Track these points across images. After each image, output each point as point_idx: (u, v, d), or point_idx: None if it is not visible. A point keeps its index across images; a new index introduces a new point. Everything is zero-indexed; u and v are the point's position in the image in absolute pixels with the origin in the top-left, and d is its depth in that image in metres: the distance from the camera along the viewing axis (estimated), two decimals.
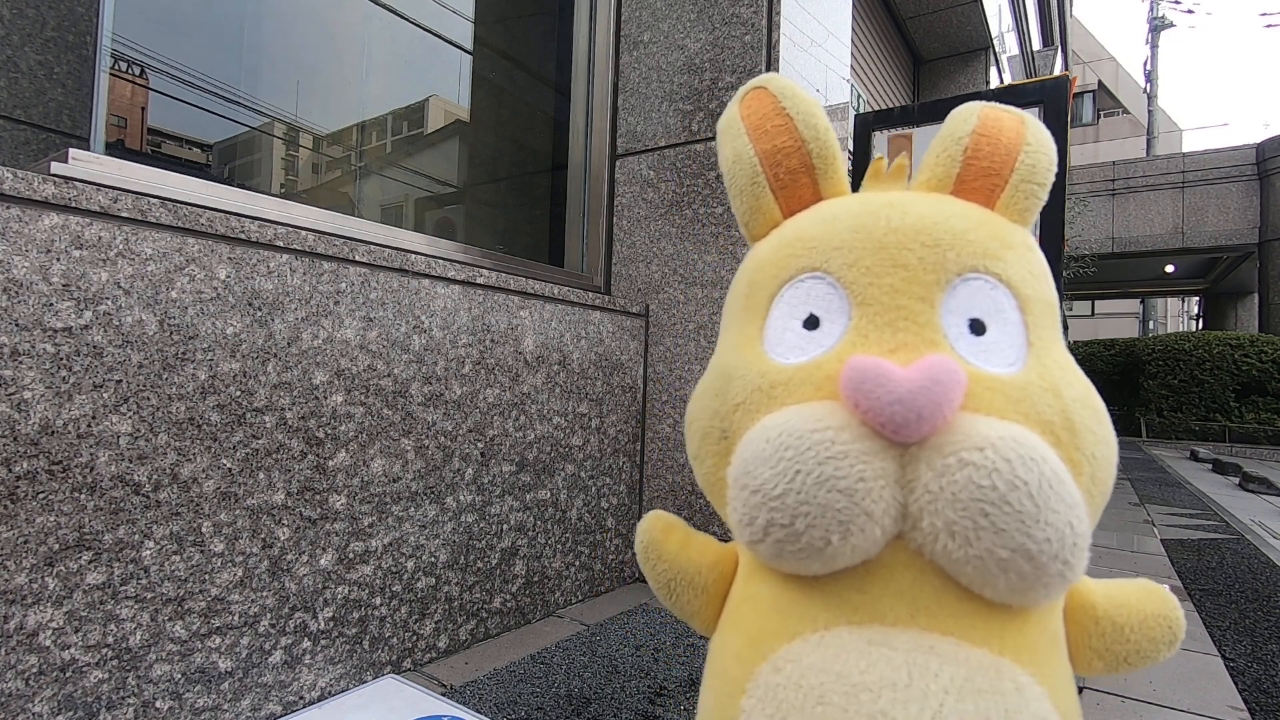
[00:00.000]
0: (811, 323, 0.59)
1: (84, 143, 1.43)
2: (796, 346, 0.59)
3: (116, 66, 1.54)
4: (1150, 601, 0.59)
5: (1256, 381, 8.61)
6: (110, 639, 0.94)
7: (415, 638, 1.37)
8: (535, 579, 1.65)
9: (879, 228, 0.58)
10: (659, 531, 0.71)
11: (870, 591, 0.51)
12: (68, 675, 0.90)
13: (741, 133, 0.66)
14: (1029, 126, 0.63)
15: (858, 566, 0.51)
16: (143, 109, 1.65)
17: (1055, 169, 0.63)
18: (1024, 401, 0.53)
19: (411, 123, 2.37)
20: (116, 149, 1.54)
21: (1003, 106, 0.64)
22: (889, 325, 0.55)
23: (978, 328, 0.56)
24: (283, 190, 2.03)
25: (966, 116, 0.63)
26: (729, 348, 0.65)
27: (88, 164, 1.04)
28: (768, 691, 0.51)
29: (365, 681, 1.26)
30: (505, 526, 1.57)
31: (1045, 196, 0.62)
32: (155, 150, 1.71)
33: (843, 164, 0.66)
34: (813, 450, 0.49)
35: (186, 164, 1.78)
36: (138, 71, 1.61)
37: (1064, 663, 0.55)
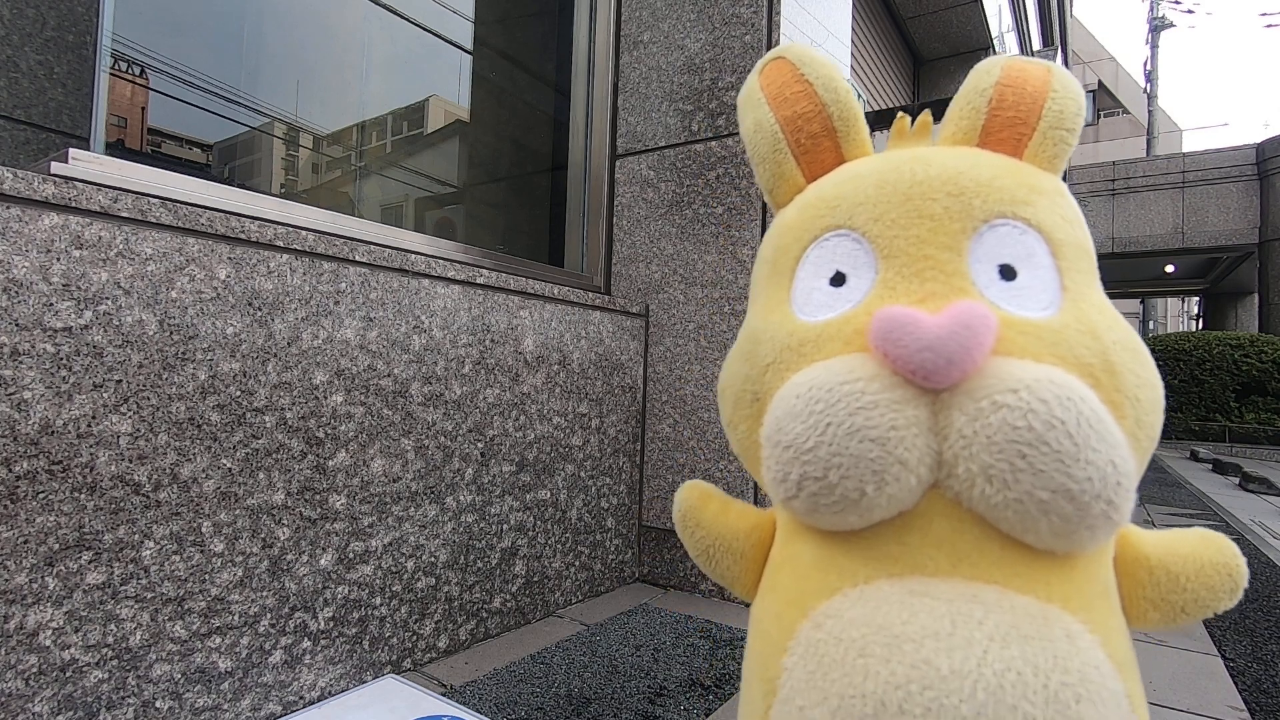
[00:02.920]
0: (838, 280, 0.58)
1: (84, 143, 1.44)
2: (824, 304, 0.58)
3: (116, 66, 1.54)
4: (1208, 549, 0.57)
5: (1256, 381, 8.61)
6: (110, 639, 0.94)
7: (415, 638, 1.37)
8: (535, 579, 1.65)
9: (903, 181, 0.57)
10: (697, 499, 0.71)
11: (909, 543, 0.50)
12: (68, 675, 0.90)
13: (762, 102, 0.66)
14: (1055, 73, 0.61)
15: (895, 519, 0.50)
16: (143, 109, 1.65)
17: (1084, 114, 0.62)
18: (1060, 344, 0.51)
19: (411, 123, 2.37)
20: (117, 149, 1.54)
21: (1026, 57, 0.64)
22: (916, 276, 0.54)
23: (1008, 273, 0.54)
24: (283, 190, 2.03)
25: (989, 68, 0.62)
26: (757, 314, 0.64)
27: (88, 164, 1.04)
28: (809, 648, 0.50)
29: (365, 681, 1.26)
30: (505, 526, 1.57)
31: (1075, 142, 0.61)
32: (155, 150, 1.70)
33: (864, 125, 0.66)
34: (843, 402, 0.48)
35: (187, 164, 1.78)
36: (138, 71, 1.61)
37: (1116, 612, 0.53)
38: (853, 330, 0.54)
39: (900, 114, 0.68)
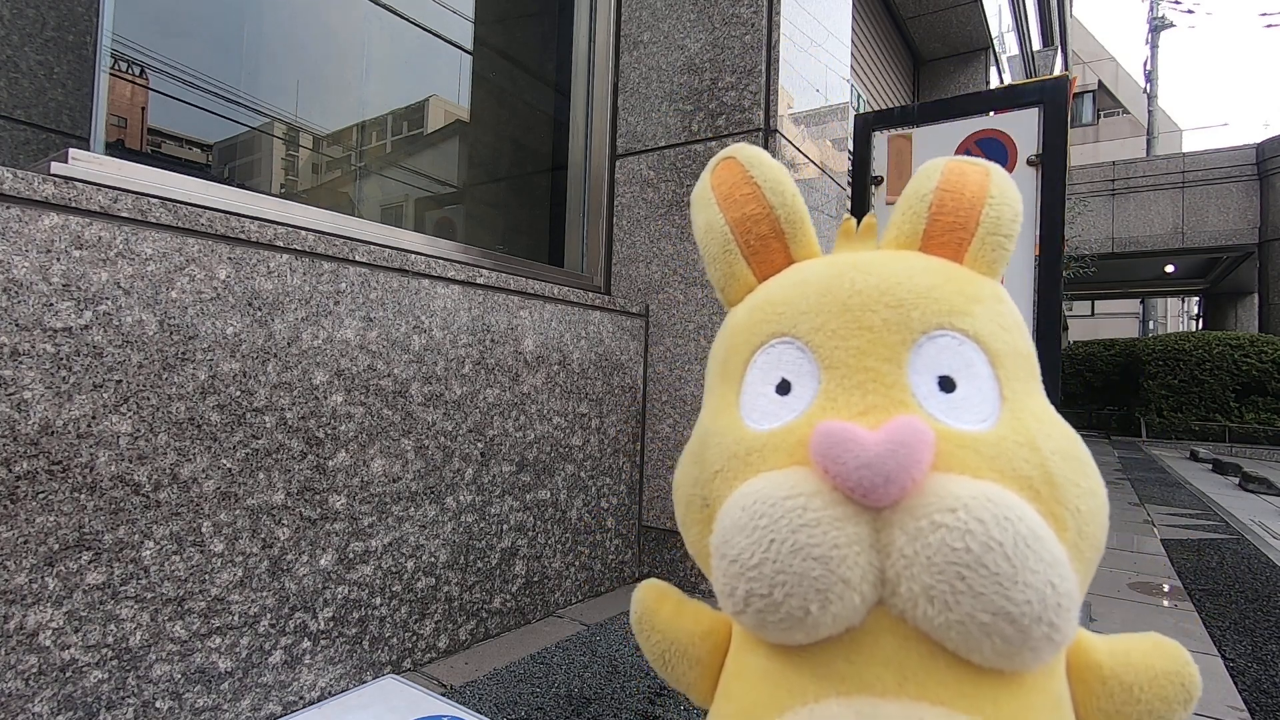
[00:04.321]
0: (784, 387, 0.59)
1: (84, 143, 1.43)
2: (770, 412, 0.59)
3: (116, 66, 1.54)
4: (1160, 658, 0.57)
5: (1256, 381, 8.61)
6: (110, 639, 0.94)
7: (415, 638, 1.37)
8: (535, 579, 1.65)
9: (843, 290, 0.58)
10: (652, 600, 0.71)
11: (857, 661, 0.50)
12: (68, 675, 0.90)
13: (712, 202, 0.67)
14: (993, 178, 0.63)
15: (843, 635, 0.50)
16: (143, 109, 1.65)
17: (1020, 220, 0.62)
18: (998, 458, 0.52)
19: (412, 123, 2.37)
20: (117, 149, 1.54)
21: (969, 159, 0.65)
22: (858, 387, 0.55)
23: (947, 384, 0.55)
24: (283, 190, 2.03)
25: (930, 173, 0.63)
26: (709, 413, 0.65)
27: (88, 164, 1.04)
28: None
29: (365, 681, 1.26)
30: (505, 527, 1.57)
31: (1013, 248, 0.62)
32: (155, 150, 1.70)
33: (810, 227, 0.67)
34: (786, 518, 0.49)
35: (187, 164, 1.78)
36: (138, 71, 1.61)
37: None
38: (795, 441, 0.55)
39: (847, 216, 0.69)
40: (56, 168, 1.00)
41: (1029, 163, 1.72)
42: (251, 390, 1.10)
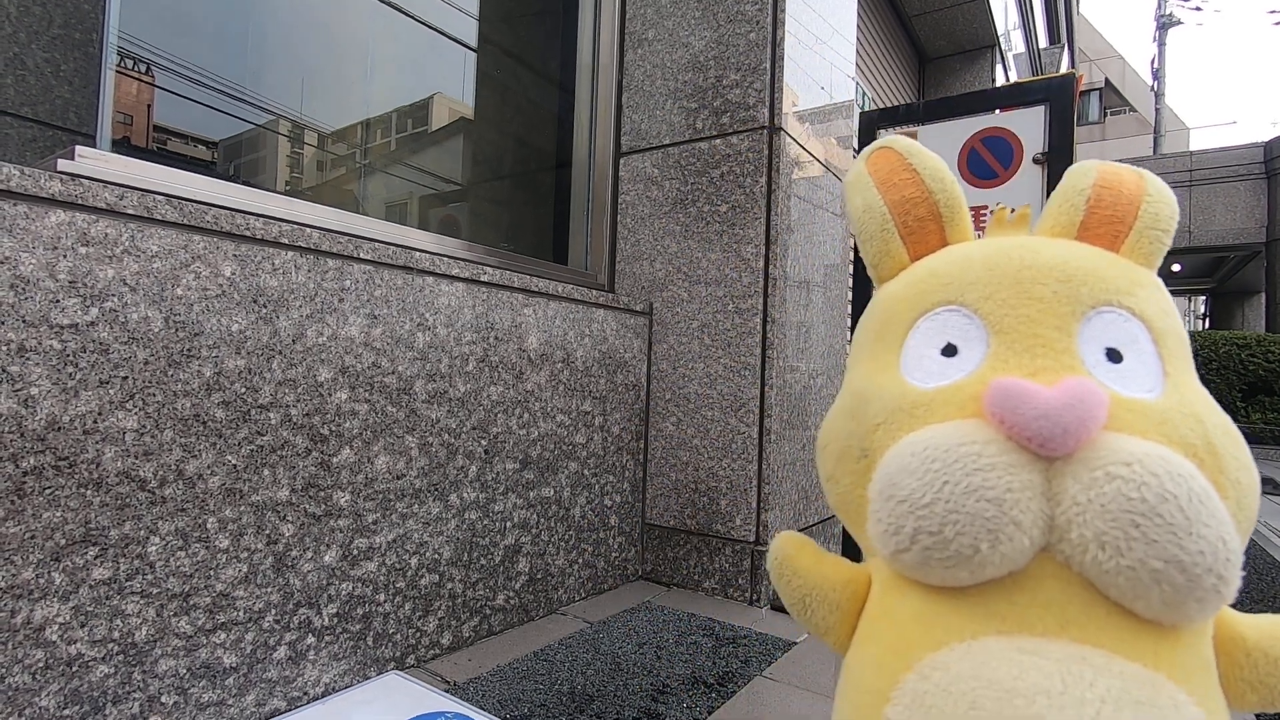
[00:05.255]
0: (949, 351, 0.61)
1: (90, 140, 1.44)
2: (935, 372, 0.61)
3: (122, 64, 1.54)
4: None
5: (1263, 381, 8.57)
6: (116, 634, 0.95)
7: (419, 634, 1.37)
8: (539, 576, 1.66)
9: (1012, 265, 0.61)
10: (792, 549, 0.73)
11: (1018, 602, 0.51)
12: (74, 670, 0.91)
13: (870, 186, 0.72)
14: (1148, 178, 0.66)
15: (1004, 578, 0.51)
16: (149, 106, 1.65)
17: (1176, 219, 0.66)
18: (1165, 424, 0.54)
19: (416, 120, 2.37)
20: (123, 146, 1.55)
21: (1117, 164, 0.69)
22: (1027, 351, 0.57)
23: (1114, 355, 0.57)
24: (288, 187, 2.03)
25: (1086, 171, 0.67)
26: (862, 375, 0.67)
27: (94, 161, 1.04)
28: (915, 699, 0.51)
29: (369, 678, 1.27)
30: (509, 524, 1.57)
31: (1169, 243, 0.65)
32: (161, 147, 1.71)
33: (968, 215, 0.71)
34: (960, 463, 0.51)
35: (192, 161, 1.78)
36: (144, 69, 1.62)
37: (1217, 688, 0.54)
38: (966, 397, 0.56)
39: (999, 205, 0.74)
40: (63, 165, 1.00)
41: (1035, 161, 1.71)
42: (256, 387, 1.11)
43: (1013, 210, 0.70)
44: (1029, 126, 1.80)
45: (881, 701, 0.53)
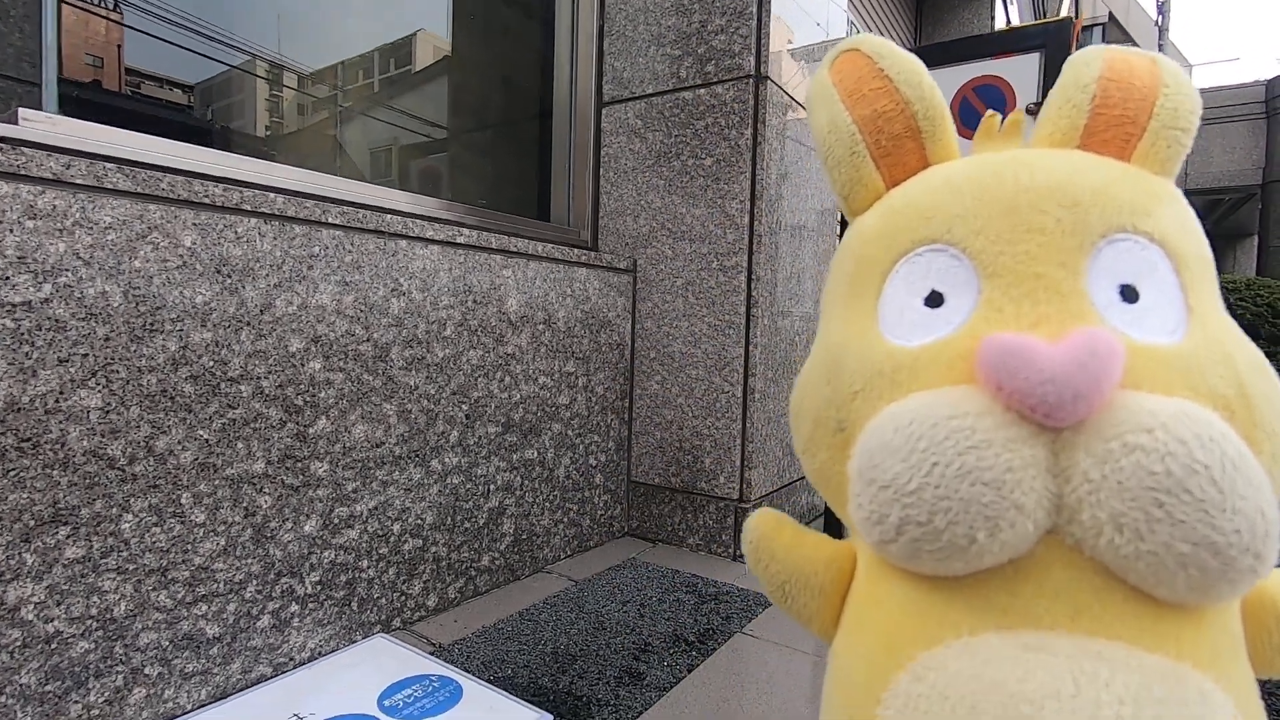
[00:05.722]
0: (934, 299, 0.53)
1: (36, 89, 1.36)
2: (919, 325, 0.53)
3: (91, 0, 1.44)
4: None
5: (1250, 326, 8.62)
6: (94, 610, 0.95)
7: (404, 598, 1.39)
8: (523, 537, 1.67)
9: (1006, 189, 0.52)
10: (769, 528, 0.66)
11: (1022, 593, 0.46)
12: (53, 647, 0.91)
13: (835, 98, 0.61)
14: (1163, 66, 0.56)
15: (1005, 566, 0.46)
16: (119, 47, 1.56)
17: (1199, 112, 0.56)
18: (1191, 373, 0.46)
19: (399, 60, 2.27)
20: (94, 89, 1.46)
21: (1128, 48, 0.58)
22: (1027, 296, 0.49)
23: (1130, 294, 0.49)
24: (268, 132, 1.95)
25: (1089, 60, 0.56)
26: (836, 330, 0.59)
27: (39, 124, 0.99)
28: (908, 702, 0.46)
29: (355, 641, 1.29)
30: (492, 487, 1.57)
31: (1189, 144, 0.55)
32: (135, 91, 1.62)
33: (952, 128, 0.60)
34: (951, 440, 0.44)
35: (167, 105, 1.70)
36: (111, 4, 1.51)
37: (1246, 665, 0.50)
38: (954, 356, 0.49)
39: (989, 112, 0.61)
40: (4, 129, 0.95)
41: (1028, 110, 1.66)
42: (225, 360, 1.08)
43: (1003, 118, 0.60)
44: (1023, 75, 1.74)
45: (872, 702, 0.49)
